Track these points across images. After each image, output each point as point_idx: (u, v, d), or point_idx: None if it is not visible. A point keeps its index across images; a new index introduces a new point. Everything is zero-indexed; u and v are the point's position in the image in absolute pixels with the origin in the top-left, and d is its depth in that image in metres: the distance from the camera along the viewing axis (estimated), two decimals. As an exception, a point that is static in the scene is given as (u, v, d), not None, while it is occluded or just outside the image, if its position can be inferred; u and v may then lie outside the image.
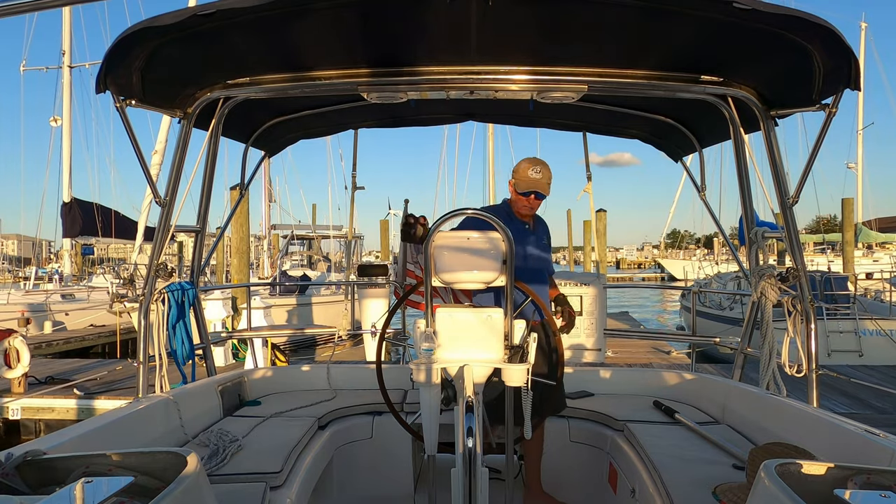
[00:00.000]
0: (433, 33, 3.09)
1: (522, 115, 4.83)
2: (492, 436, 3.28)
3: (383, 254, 27.14)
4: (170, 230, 3.71)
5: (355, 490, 3.83)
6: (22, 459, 1.61)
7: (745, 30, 2.85)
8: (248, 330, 7.01)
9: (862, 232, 31.52)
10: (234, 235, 15.96)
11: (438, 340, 2.84)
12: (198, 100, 3.58)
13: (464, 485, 2.47)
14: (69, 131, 23.93)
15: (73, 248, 25.18)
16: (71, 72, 23.81)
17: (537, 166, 3.59)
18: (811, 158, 3.39)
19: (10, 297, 18.82)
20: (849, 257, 23.55)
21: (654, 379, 4.29)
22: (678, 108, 4.21)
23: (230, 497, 2.55)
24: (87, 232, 22.29)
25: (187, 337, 3.80)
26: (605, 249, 24.81)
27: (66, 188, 22.94)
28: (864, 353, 12.55)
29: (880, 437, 2.39)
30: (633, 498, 3.08)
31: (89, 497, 1.36)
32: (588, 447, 3.80)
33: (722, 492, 2.51)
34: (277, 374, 4.55)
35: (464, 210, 3.11)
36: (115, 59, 2.95)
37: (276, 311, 14.24)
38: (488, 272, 2.98)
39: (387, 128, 5.09)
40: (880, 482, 1.53)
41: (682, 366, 10.46)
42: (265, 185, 25.36)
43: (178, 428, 3.18)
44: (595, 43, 3.21)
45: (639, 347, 13.66)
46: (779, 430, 2.92)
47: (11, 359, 8.60)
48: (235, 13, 2.74)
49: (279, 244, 26.87)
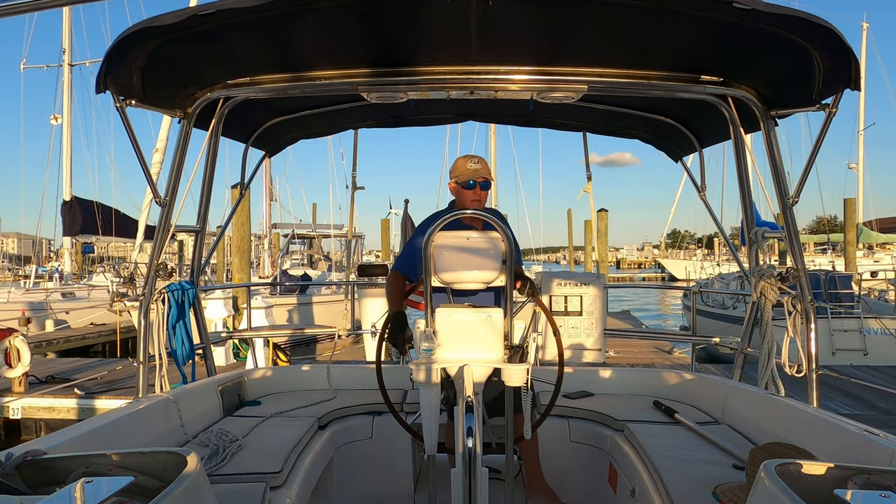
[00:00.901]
0: (433, 33, 3.10)
1: (522, 115, 4.83)
2: (491, 436, 3.28)
3: (384, 253, 27.10)
4: (170, 230, 3.72)
5: (355, 490, 3.82)
6: (22, 459, 1.61)
7: (746, 30, 2.85)
8: (247, 330, 7.01)
9: (863, 232, 31.46)
10: (235, 234, 15.97)
11: (438, 340, 2.84)
12: (198, 100, 3.59)
13: (464, 485, 2.47)
14: (69, 129, 23.92)
15: (74, 247, 25.16)
16: (71, 70, 23.79)
17: (473, 158, 3.55)
18: (811, 158, 3.39)
19: (10, 295, 18.81)
20: (850, 257, 23.55)
21: (654, 379, 4.29)
22: (678, 108, 4.21)
23: (230, 497, 2.55)
24: (88, 230, 22.28)
25: (187, 337, 3.81)
26: (606, 249, 24.81)
27: (67, 186, 22.93)
28: (868, 352, 12.55)
29: (880, 437, 2.39)
30: (633, 498, 3.08)
31: (89, 497, 1.36)
32: (588, 447, 3.79)
33: (722, 492, 2.51)
34: (277, 374, 4.55)
35: (463, 211, 3.11)
36: (115, 58, 2.95)
37: (277, 311, 14.24)
38: (488, 272, 2.98)
39: (387, 128, 5.09)
40: (880, 482, 1.53)
41: (682, 366, 10.47)
42: (266, 184, 25.41)
43: (178, 428, 3.18)
44: (595, 43, 3.21)
45: (641, 347, 13.66)
46: (779, 430, 2.92)
47: (12, 358, 8.59)
48: (235, 13, 2.74)
49: (280, 243, 26.89)
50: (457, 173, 3.54)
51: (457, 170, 3.55)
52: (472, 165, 3.49)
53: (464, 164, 3.52)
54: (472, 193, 3.49)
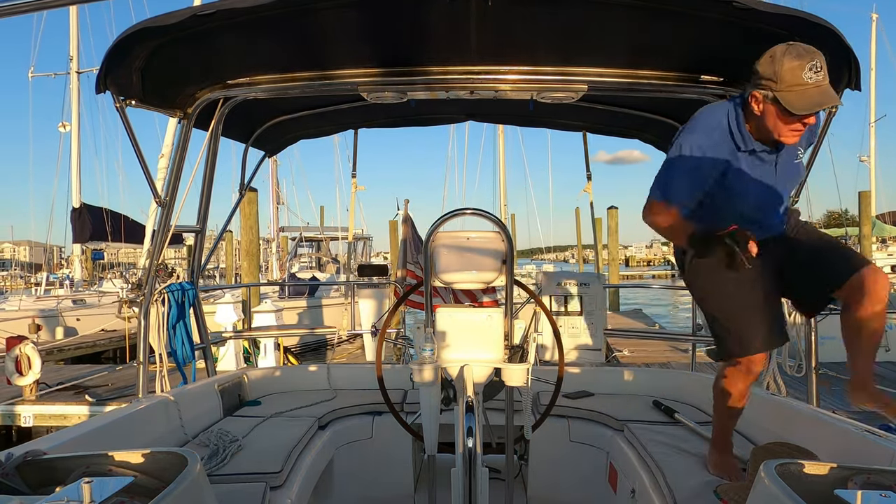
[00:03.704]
0: (433, 33, 3.11)
1: (523, 115, 4.83)
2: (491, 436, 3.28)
3: (392, 255, 27.17)
4: (170, 230, 3.73)
5: (355, 490, 3.83)
6: (22, 459, 1.61)
7: (746, 30, 2.85)
8: (247, 331, 7.04)
9: (876, 226, 31.10)
10: (244, 238, 16.03)
11: (438, 340, 2.85)
12: (198, 100, 3.60)
13: (464, 485, 2.47)
14: (78, 136, 23.98)
15: (84, 254, 25.24)
16: (79, 77, 23.87)
17: (814, 59, 2.28)
18: (811, 159, 3.38)
19: (21, 303, 18.89)
20: (866, 251, 23.24)
21: (654, 379, 4.28)
22: (679, 108, 4.20)
23: (230, 497, 2.56)
24: (97, 237, 22.32)
25: (187, 337, 3.82)
26: (617, 247, 24.71)
27: (76, 193, 22.98)
28: (890, 348, 12.39)
29: (880, 437, 2.38)
30: (632, 498, 3.06)
31: (89, 497, 1.37)
32: (588, 447, 3.78)
33: (723, 491, 2.52)
34: (277, 374, 4.57)
35: (463, 210, 3.11)
36: (115, 59, 2.97)
37: (286, 314, 14.29)
38: (488, 272, 2.99)
39: (387, 128, 5.10)
40: (880, 482, 1.52)
41: (683, 366, 10.40)
42: (273, 187, 25.46)
43: (178, 428, 3.20)
44: (595, 43, 3.22)
45: (656, 346, 13.44)
46: (779, 430, 2.91)
47: (23, 366, 8.62)
48: (235, 13, 2.76)
49: (288, 247, 26.94)
50: (782, 86, 2.30)
51: (783, 76, 2.29)
52: (813, 76, 2.27)
53: (797, 71, 2.27)
54: (798, 124, 2.38)
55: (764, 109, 2.40)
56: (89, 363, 13.95)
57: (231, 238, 23.35)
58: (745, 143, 2.50)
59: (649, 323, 20.26)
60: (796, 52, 2.29)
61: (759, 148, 2.51)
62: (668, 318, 27.97)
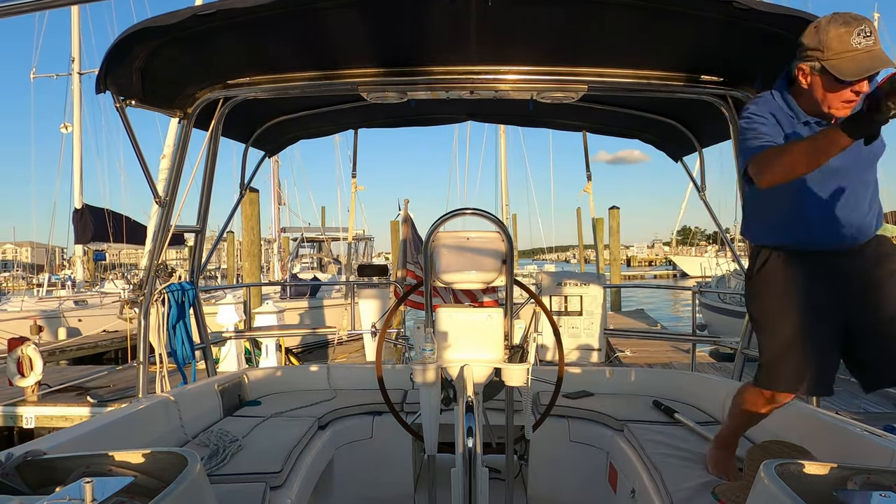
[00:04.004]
0: (433, 33, 3.11)
1: (523, 115, 4.83)
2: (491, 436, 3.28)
3: (393, 256, 27.17)
4: (169, 230, 3.74)
5: (355, 490, 3.83)
6: (22, 459, 1.62)
7: (746, 30, 2.85)
8: (247, 331, 7.04)
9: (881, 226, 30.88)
10: (246, 238, 16.05)
11: (438, 341, 2.86)
12: (198, 100, 3.61)
13: (464, 485, 2.47)
14: (80, 138, 23.98)
15: (86, 255, 25.25)
16: (81, 78, 23.88)
17: (861, 24, 2.14)
18: None
19: (23, 304, 18.92)
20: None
21: (654, 379, 4.28)
22: (678, 108, 4.20)
23: (230, 497, 2.56)
24: (99, 238, 22.29)
25: (187, 337, 3.82)
26: (618, 247, 24.68)
27: (78, 194, 22.97)
28: None
29: (880, 437, 2.39)
30: (632, 498, 3.06)
31: (89, 497, 1.38)
32: (588, 447, 3.78)
33: (721, 491, 2.51)
34: (277, 374, 4.57)
35: (462, 210, 3.11)
36: (115, 59, 2.97)
37: (288, 315, 14.28)
38: (488, 272, 2.99)
39: (387, 128, 5.10)
40: (880, 482, 1.52)
41: (684, 366, 10.38)
42: (274, 187, 25.46)
43: (178, 428, 3.20)
44: (595, 43, 3.22)
45: (658, 347, 13.40)
46: (779, 430, 2.90)
47: (24, 367, 8.60)
48: (235, 13, 2.76)
49: (289, 247, 26.94)
50: (830, 53, 2.16)
51: (830, 44, 2.16)
52: (863, 41, 2.13)
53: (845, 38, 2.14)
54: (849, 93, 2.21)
55: (812, 82, 2.26)
56: (91, 364, 13.95)
57: (233, 239, 23.40)
58: (797, 116, 2.35)
59: (651, 323, 20.22)
60: (843, 20, 2.16)
61: (814, 121, 2.32)
62: (671, 318, 27.95)
